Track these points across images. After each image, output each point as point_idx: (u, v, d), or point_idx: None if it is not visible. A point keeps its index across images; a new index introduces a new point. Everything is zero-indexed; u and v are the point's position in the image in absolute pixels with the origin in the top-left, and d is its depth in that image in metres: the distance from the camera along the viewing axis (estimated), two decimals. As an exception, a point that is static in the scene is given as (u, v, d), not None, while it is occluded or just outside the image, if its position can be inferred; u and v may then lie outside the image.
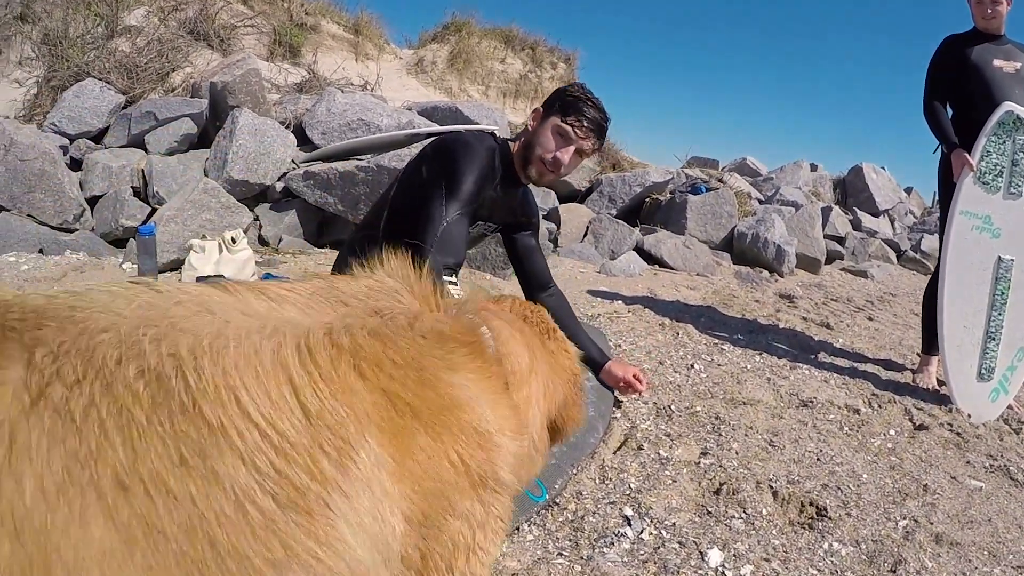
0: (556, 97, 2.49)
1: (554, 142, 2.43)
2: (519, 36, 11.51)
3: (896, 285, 7.75)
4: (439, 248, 2.13)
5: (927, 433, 3.17)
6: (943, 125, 3.71)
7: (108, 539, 0.66)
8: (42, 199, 4.90)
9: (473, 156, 2.33)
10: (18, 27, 6.93)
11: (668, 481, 2.37)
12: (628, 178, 7.84)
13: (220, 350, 0.78)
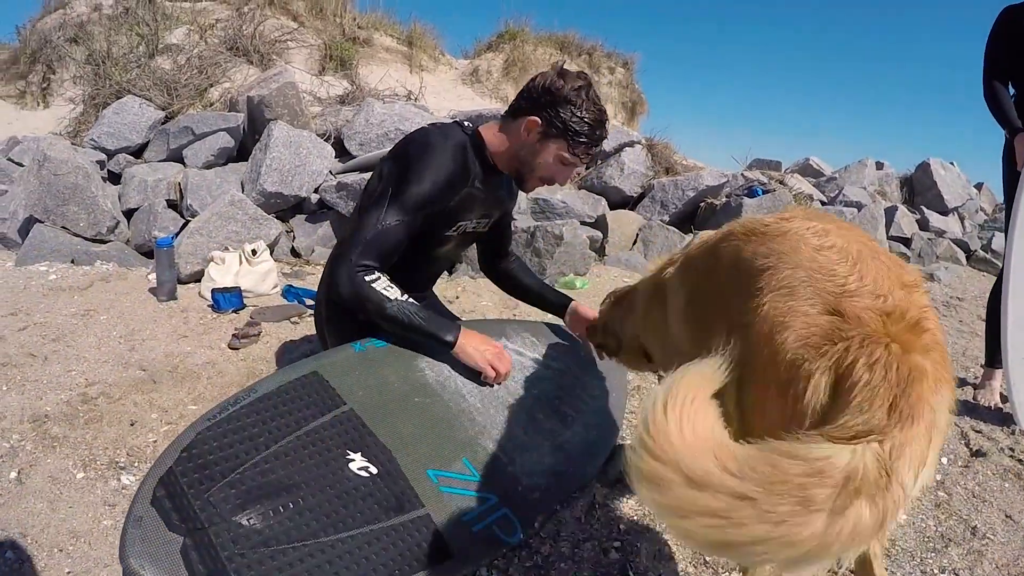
0: (561, 111, 2.15)
1: (556, 168, 2.25)
2: (575, 42, 11.19)
3: (964, 288, 7.06)
4: (364, 252, 2.03)
5: (984, 461, 2.75)
6: (1004, 107, 3.26)
7: None
8: (76, 211, 4.92)
9: (429, 158, 2.13)
10: (70, 49, 7.10)
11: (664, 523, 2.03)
12: (680, 182, 7.44)
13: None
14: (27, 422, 2.65)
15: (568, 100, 2.14)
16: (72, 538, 2.04)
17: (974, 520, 2.27)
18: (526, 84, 2.25)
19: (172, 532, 1.38)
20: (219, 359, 3.32)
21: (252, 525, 1.42)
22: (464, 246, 2.61)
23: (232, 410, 1.61)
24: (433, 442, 1.83)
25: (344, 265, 2.03)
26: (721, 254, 1.57)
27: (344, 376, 1.86)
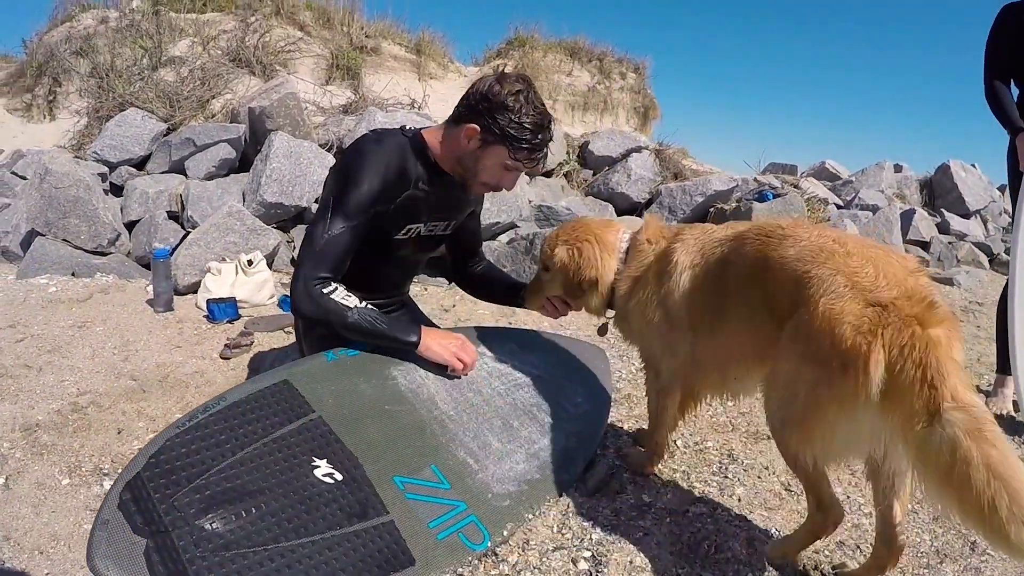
0: (498, 117, 2.15)
1: (501, 174, 2.28)
2: (585, 48, 11.18)
3: (985, 293, 6.95)
4: (316, 264, 2.10)
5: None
6: (1006, 107, 3.23)
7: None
8: (77, 224, 4.98)
9: (364, 162, 2.17)
10: (75, 62, 7.20)
11: (639, 534, 2.03)
12: (689, 187, 7.42)
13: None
14: (18, 431, 2.69)
15: (506, 106, 2.14)
16: (53, 541, 2.07)
17: (974, 534, 2.13)
18: (467, 90, 2.26)
19: (137, 535, 1.42)
20: (209, 369, 3.36)
21: (215, 529, 1.46)
22: (428, 249, 2.60)
23: (201, 418, 1.65)
24: (401, 449, 1.86)
25: (300, 281, 2.08)
26: (743, 253, 1.91)
27: (315, 384, 1.89)
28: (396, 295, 2.71)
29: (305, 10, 8.61)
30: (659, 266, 2.18)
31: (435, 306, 4.61)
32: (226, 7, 8.11)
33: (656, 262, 2.21)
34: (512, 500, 1.98)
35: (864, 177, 10.05)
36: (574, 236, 2.39)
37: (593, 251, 2.34)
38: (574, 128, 9.77)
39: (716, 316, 1.99)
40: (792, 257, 1.73)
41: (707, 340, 2.06)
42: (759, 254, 1.84)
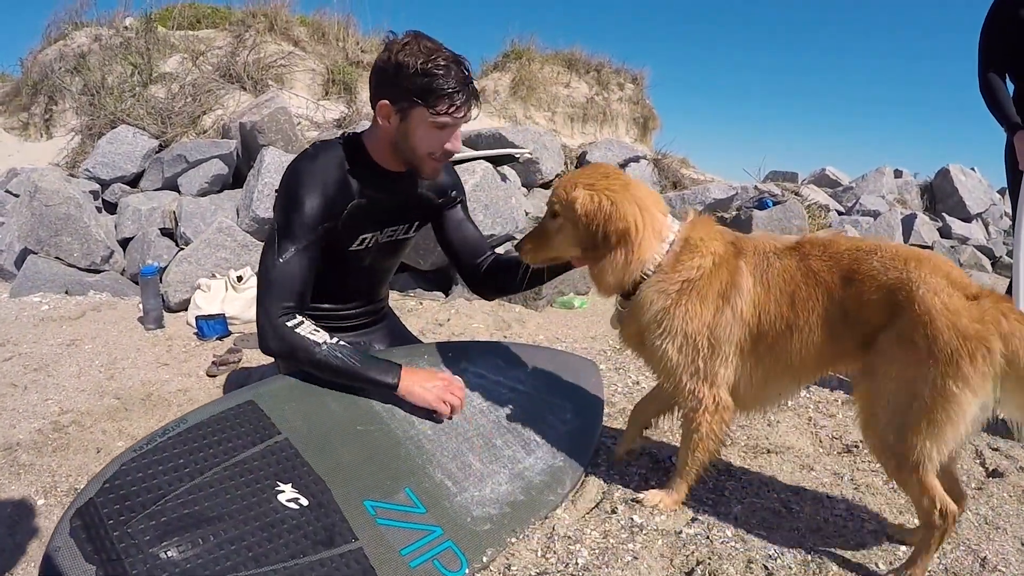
0: (395, 83, 1.98)
1: (435, 137, 2.07)
2: (582, 59, 11.18)
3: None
4: (275, 294, 1.99)
5: (1000, 482, 2.55)
6: (1001, 102, 3.15)
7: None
8: (69, 242, 4.96)
9: (302, 181, 2.06)
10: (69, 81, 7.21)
11: (628, 557, 1.94)
12: (688, 196, 7.37)
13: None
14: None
15: (400, 65, 1.96)
16: (25, 562, 2.04)
17: (984, 550, 2.07)
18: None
19: (88, 563, 1.36)
20: (194, 386, 3.31)
21: (170, 557, 1.40)
22: (393, 253, 2.48)
23: (160, 441, 1.58)
24: (373, 472, 1.79)
25: (264, 318, 1.98)
26: (813, 271, 1.92)
27: (282, 405, 1.83)
28: (371, 303, 2.57)
29: (299, 25, 8.61)
30: (719, 279, 1.99)
31: (429, 320, 4.54)
32: (220, 24, 8.12)
33: (716, 272, 1.99)
34: (493, 524, 1.91)
35: (864, 183, 10.03)
36: (604, 184, 2.00)
37: (631, 208, 1.97)
38: (573, 139, 9.75)
39: (777, 340, 1.97)
40: (879, 268, 1.81)
41: (758, 364, 2.02)
42: (839, 269, 1.88)
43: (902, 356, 1.74)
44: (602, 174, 2.03)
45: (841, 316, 1.87)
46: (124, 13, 8.00)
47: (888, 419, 1.79)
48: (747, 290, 1.97)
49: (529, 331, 4.50)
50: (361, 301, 2.52)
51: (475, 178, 5.40)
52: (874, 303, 1.80)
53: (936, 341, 1.67)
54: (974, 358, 1.65)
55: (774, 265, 1.98)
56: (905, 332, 1.73)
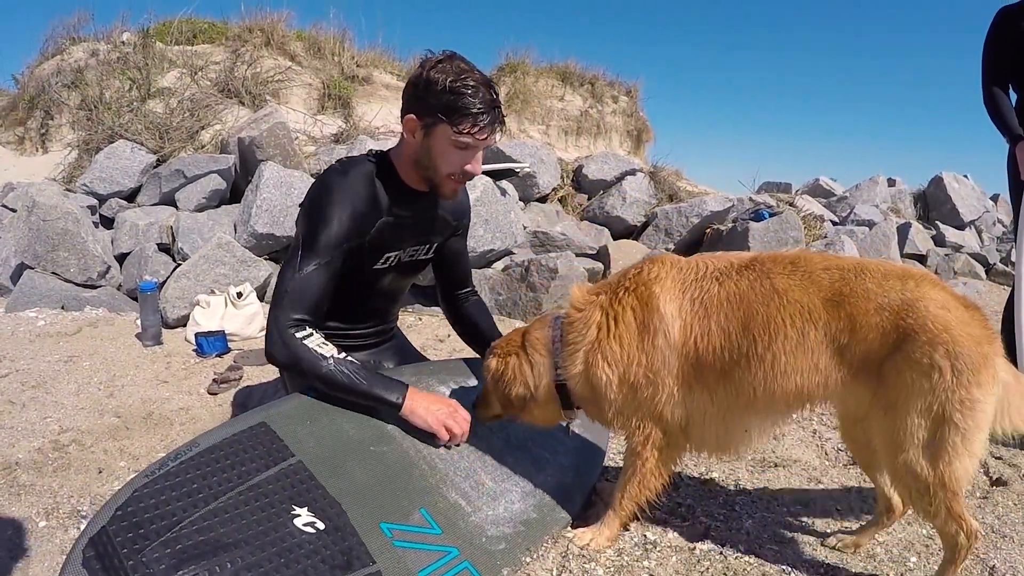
0: (427, 98, 2.00)
1: (457, 156, 2.06)
2: (576, 72, 11.18)
3: (984, 304, 6.78)
4: (289, 304, 1.97)
5: (1005, 491, 2.56)
6: (1004, 114, 3.17)
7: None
8: (66, 257, 4.92)
9: (331, 197, 2.05)
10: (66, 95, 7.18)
11: (643, 575, 1.92)
12: (684, 209, 7.37)
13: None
14: (-2, 470, 2.61)
15: (430, 81, 1.98)
16: (27, 587, 2.00)
17: (992, 559, 2.08)
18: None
19: (102, 595, 1.32)
20: (195, 405, 3.27)
21: (186, 587, 1.36)
22: (410, 274, 2.48)
23: (172, 465, 1.55)
24: (389, 493, 1.77)
25: (273, 324, 1.96)
26: (779, 291, 1.80)
27: (294, 426, 1.80)
28: (383, 323, 2.58)
29: (296, 40, 8.61)
30: (625, 316, 1.91)
31: (430, 336, 4.52)
32: (217, 39, 8.11)
33: (618, 311, 1.93)
34: (508, 543, 1.88)
35: (858, 192, 10.06)
36: (504, 343, 2.13)
37: (518, 360, 2.06)
38: (568, 152, 9.75)
39: (731, 370, 1.82)
40: (875, 289, 1.73)
41: (711, 398, 1.88)
42: (820, 290, 1.77)
43: (924, 383, 1.66)
44: (503, 343, 2.15)
45: (826, 342, 1.75)
46: (122, 28, 7.98)
47: (918, 451, 1.70)
48: (670, 315, 1.85)
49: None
50: (375, 321, 2.52)
51: (476, 193, 5.41)
52: (874, 326, 1.70)
53: (959, 357, 1.63)
54: (990, 362, 1.67)
55: (711, 289, 1.85)
56: (922, 355, 1.65)
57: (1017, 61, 3.16)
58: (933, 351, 1.65)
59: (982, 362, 1.65)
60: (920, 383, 1.66)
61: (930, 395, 1.66)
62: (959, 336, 1.64)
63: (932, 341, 1.65)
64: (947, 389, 1.65)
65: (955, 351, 1.64)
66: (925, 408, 1.67)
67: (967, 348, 1.64)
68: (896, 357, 1.68)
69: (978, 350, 1.65)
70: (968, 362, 1.64)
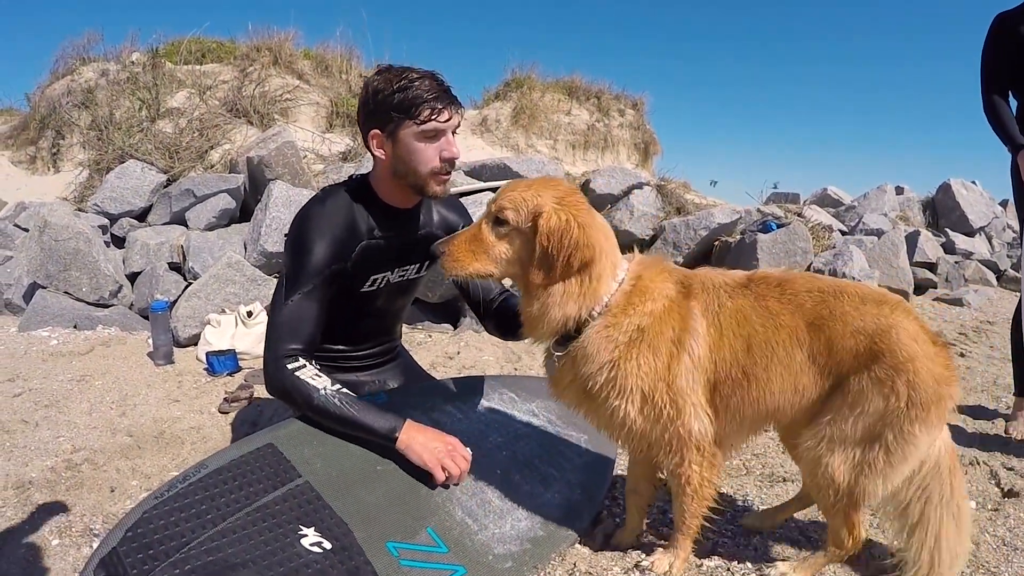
0: (380, 107, 2.03)
1: (429, 148, 2.07)
2: (582, 86, 11.26)
3: (995, 311, 6.87)
4: (281, 336, 1.99)
5: (1017, 502, 2.56)
6: (1005, 122, 3.15)
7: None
8: (78, 276, 4.97)
9: (311, 225, 2.09)
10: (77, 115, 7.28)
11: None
12: (692, 222, 7.35)
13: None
14: (11, 488, 2.64)
15: (376, 92, 2.03)
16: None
17: (1004, 572, 2.09)
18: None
19: (113, 617, 1.34)
20: (206, 424, 3.29)
21: (195, 607, 1.38)
22: (404, 294, 2.48)
23: (180, 487, 1.57)
24: (395, 512, 1.78)
25: (266, 356, 1.99)
26: (773, 312, 1.80)
27: (301, 447, 1.82)
28: (385, 342, 2.57)
29: (303, 59, 8.69)
30: (671, 324, 1.79)
31: (439, 353, 4.53)
32: (225, 58, 8.20)
33: (667, 317, 1.80)
34: (515, 561, 1.89)
35: (867, 201, 9.98)
36: (573, 201, 1.77)
37: (599, 235, 1.78)
38: (575, 167, 9.79)
39: (733, 391, 1.82)
40: (852, 312, 1.75)
41: (713, 419, 1.87)
42: (803, 312, 1.78)
43: (879, 401, 1.71)
44: (569, 190, 1.81)
45: (808, 364, 1.77)
46: (131, 48, 8.11)
47: (847, 461, 1.76)
48: (702, 334, 1.80)
49: (539, 363, 4.48)
50: (375, 342, 2.52)
51: (482, 209, 5.41)
52: (849, 349, 1.73)
53: (917, 388, 1.68)
54: (942, 404, 1.72)
55: (726, 305, 1.82)
56: (884, 378, 1.70)
57: (1016, 67, 3.15)
58: (896, 376, 1.69)
59: (935, 401, 1.69)
60: (876, 401, 1.71)
61: (879, 414, 1.71)
62: (922, 370, 1.68)
63: (897, 367, 1.69)
64: (896, 414, 1.69)
65: (915, 382, 1.68)
66: (870, 424, 1.72)
67: (927, 384, 1.69)
68: (860, 375, 1.72)
69: (936, 389, 1.69)
70: (923, 397, 1.68)
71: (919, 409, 1.68)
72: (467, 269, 1.83)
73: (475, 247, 1.83)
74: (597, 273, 1.76)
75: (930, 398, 1.68)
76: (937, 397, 1.69)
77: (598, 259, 1.75)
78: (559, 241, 1.69)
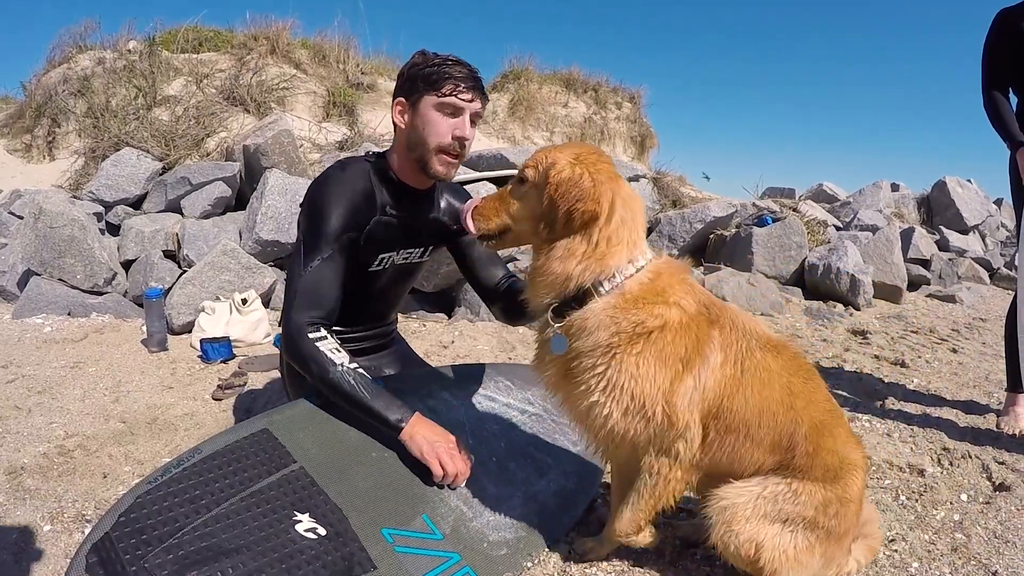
0: (411, 77, 2.11)
1: (444, 122, 2.08)
2: (580, 78, 11.22)
3: (988, 308, 6.91)
4: (303, 304, 1.97)
5: (1008, 496, 2.57)
6: (1005, 119, 3.14)
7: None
8: (72, 264, 4.94)
9: (329, 191, 2.10)
10: (73, 103, 7.23)
11: (644, 580, 1.93)
12: (688, 215, 7.36)
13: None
14: (3, 474, 2.62)
15: (412, 65, 2.12)
16: (31, 591, 2.01)
17: (995, 564, 2.09)
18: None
19: (106, 601, 1.33)
20: (200, 410, 3.28)
21: (189, 592, 1.37)
22: (405, 278, 2.48)
23: (174, 472, 1.57)
24: (390, 499, 1.78)
25: (286, 325, 1.99)
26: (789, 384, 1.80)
27: (296, 433, 1.81)
28: (380, 326, 2.57)
29: (301, 48, 8.64)
30: (683, 342, 1.68)
31: (433, 342, 4.53)
32: (222, 47, 8.15)
33: (681, 332, 1.68)
34: (509, 548, 1.90)
35: (862, 197, 10.01)
36: (592, 159, 1.68)
37: (609, 194, 1.65)
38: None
39: (724, 439, 1.76)
40: (844, 440, 1.87)
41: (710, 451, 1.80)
42: (815, 410, 1.82)
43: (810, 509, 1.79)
44: (596, 152, 1.73)
45: (772, 443, 1.77)
46: (128, 36, 8.03)
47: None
48: (714, 366, 1.70)
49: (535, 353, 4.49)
50: (371, 324, 2.51)
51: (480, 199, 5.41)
52: (827, 465, 1.79)
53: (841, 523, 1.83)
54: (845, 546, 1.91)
55: (755, 354, 1.75)
56: (832, 500, 1.80)
57: (1017, 64, 3.13)
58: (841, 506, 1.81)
59: (843, 537, 1.87)
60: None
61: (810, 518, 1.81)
62: (851, 514, 1.85)
63: (843, 500, 1.82)
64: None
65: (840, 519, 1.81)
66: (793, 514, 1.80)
67: (849, 523, 1.85)
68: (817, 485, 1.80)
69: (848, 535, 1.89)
70: (840, 531, 1.82)
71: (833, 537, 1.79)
72: (488, 224, 1.82)
73: (499, 205, 1.81)
74: (605, 236, 1.64)
75: (844, 533, 1.82)
76: (844, 538, 1.83)
77: (604, 220, 1.63)
78: (565, 192, 1.61)
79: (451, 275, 5.28)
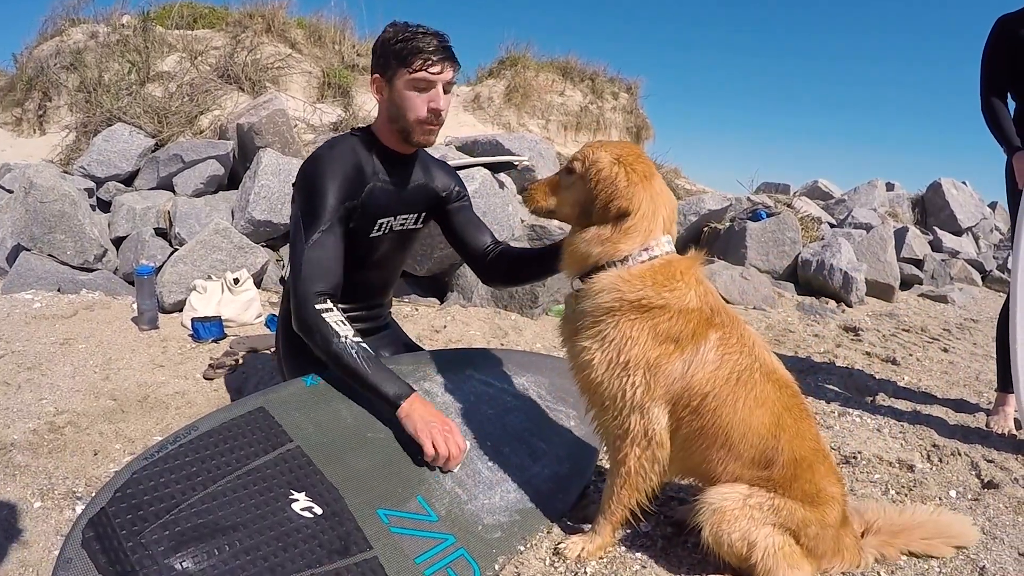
0: (382, 54, 2.18)
1: (418, 98, 2.16)
2: (577, 67, 11.18)
3: (979, 310, 6.97)
4: (308, 276, 2.01)
5: (996, 493, 2.59)
6: (1003, 124, 3.17)
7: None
8: (63, 239, 4.89)
9: (322, 167, 2.16)
10: (65, 77, 7.14)
11: (636, 566, 1.94)
12: (682, 207, 7.37)
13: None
14: (-8, 451, 2.61)
15: (384, 41, 2.17)
16: (22, 567, 1.99)
17: (983, 560, 2.10)
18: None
19: (101, 575, 1.33)
20: (191, 389, 3.27)
21: (185, 568, 1.37)
22: (402, 246, 2.50)
23: (171, 448, 1.56)
24: (386, 480, 1.78)
25: (293, 299, 2.01)
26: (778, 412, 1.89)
27: (293, 412, 1.81)
28: (375, 304, 2.58)
29: (296, 28, 8.56)
30: (679, 326, 1.82)
31: (426, 327, 4.52)
32: (217, 24, 8.07)
33: (679, 317, 1.83)
34: (503, 531, 1.90)
35: (857, 195, 10.05)
36: (633, 160, 1.89)
37: (644, 196, 1.86)
38: (567, 147, 9.74)
39: (696, 437, 1.87)
40: (826, 476, 1.93)
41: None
42: (804, 444, 1.90)
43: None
44: (636, 154, 1.93)
45: (752, 461, 1.86)
46: (122, 11, 7.91)
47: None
48: (707, 362, 1.82)
49: (526, 339, 4.50)
50: (370, 300, 2.54)
51: (474, 184, 5.40)
52: (803, 491, 1.86)
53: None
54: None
55: (755, 374, 1.86)
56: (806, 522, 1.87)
57: (1016, 70, 3.16)
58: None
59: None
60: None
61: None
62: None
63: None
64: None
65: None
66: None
67: (827, 544, 1.91)
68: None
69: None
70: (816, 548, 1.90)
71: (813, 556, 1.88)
72: (538, 203, 2.07)
73: (548, 189, 2.07)
74: (628, 228, 1.86)
75: (821, 556, 1.90)
76: (821, 560, 1.91)
77: (634, 216, 1.85)
78: (605, 188, 1.85)
79: (444, 260, 5.27)
